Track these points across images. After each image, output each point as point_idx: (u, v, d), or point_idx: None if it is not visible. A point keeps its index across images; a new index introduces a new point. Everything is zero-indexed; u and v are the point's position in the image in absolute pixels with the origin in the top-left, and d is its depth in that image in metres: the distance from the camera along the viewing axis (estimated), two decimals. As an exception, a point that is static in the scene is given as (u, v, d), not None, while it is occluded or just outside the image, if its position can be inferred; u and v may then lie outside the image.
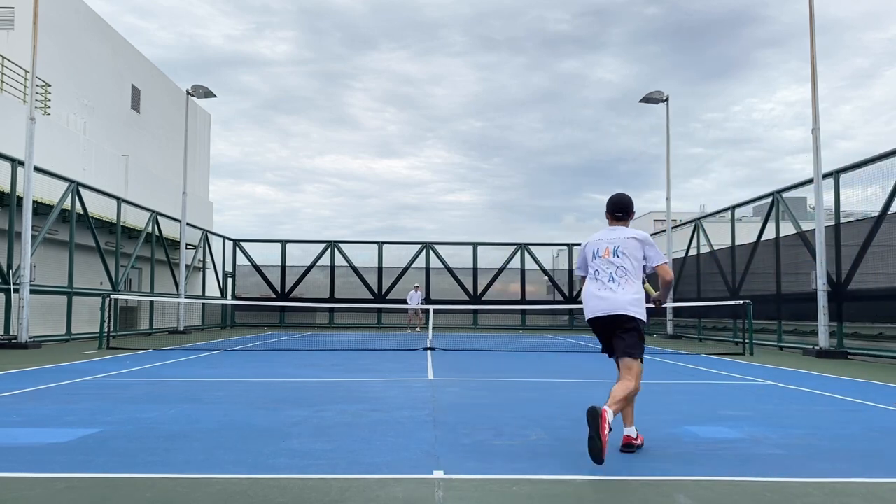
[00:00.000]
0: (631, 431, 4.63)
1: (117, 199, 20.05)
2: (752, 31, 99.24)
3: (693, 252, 21.68)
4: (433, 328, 18.74)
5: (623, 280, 4.72)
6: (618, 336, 4.68)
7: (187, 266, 23.86)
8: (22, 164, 14.50)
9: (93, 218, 18.55)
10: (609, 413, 4.12)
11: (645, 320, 4.74)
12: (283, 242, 29.75)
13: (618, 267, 4.75)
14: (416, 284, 26.91)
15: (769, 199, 17.25)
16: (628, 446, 4.57)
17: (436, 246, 29.44)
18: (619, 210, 4.99)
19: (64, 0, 22.98)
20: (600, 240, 4.92)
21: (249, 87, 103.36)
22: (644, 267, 4.82)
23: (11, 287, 14.57)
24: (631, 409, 4.66)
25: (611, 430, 4.03)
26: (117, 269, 19.45)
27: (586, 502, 3.38)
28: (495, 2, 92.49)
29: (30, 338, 13.98)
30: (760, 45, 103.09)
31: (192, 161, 28.09)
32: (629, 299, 4.65)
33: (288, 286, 29.19)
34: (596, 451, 3.90)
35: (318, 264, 29.33)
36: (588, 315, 4.84)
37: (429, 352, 14.11)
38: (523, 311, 29.15)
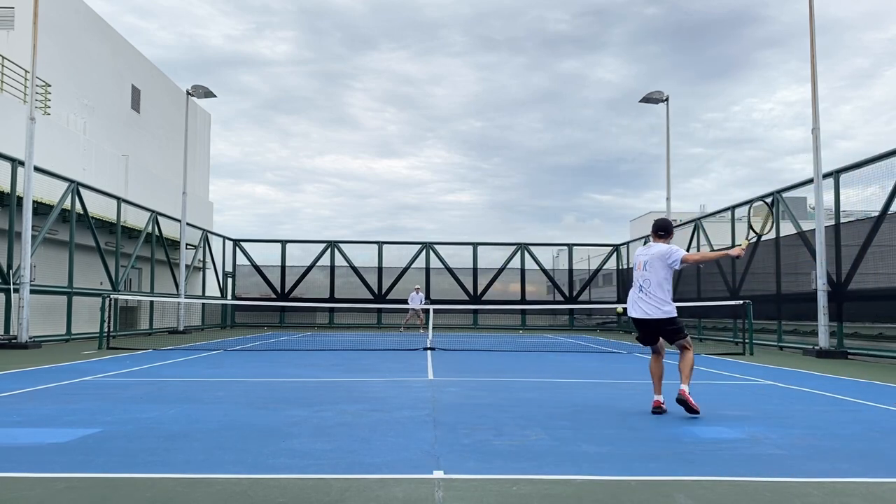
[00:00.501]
0: (685, 387, 6.02)
1: (117, 199, 20.05)
2: (752, 31, 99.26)
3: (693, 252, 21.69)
4: (433, 328, 18.73)
5: (649, 289, 6.19)
6: (662, 334, 6.30)
7: (187, 266, 23.86)
8: (22, 164, 14.50)
9: (93, 218, 18.55)
10: (686, 390, 5.98)
11: (675, 313, 6.20)
12: (283, 242, 29.75)
13: (645, 279, 6.21)
14: (416, 286, 26.89)
15: (769, 200, 17.25)
16: (683, 401, 5.95)
17: (436, 246, 29.43)
18: (662, 230, 6.44)
19: (64, 0, 22.98)
20: (639, 254, 6.41)
21: (249, 87, 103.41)
22: (676, 266, 6.22)
23: (11, 287, 14.57)
24: (688, 370, 6.18)
25: (696, 411, 5.92)
26: (117, 269, 19.45)
27: (586, 502, 3.38)
28: (495, 2, 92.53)
29: (30, 338, 13.98)
30: (760, 45, 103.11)
31: (192, 161, 28.09)
32: (657, 308, 6.14)
33: (288, 286, 29.19)
34: (696, 413, 5.93)
35: (318, 264, 29.32)
36: (630, 315, 6.41)
37: (429, 352, 14.11)
38: (523, 311, 29.15)
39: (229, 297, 28.56)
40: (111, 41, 26.62)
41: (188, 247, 24.48)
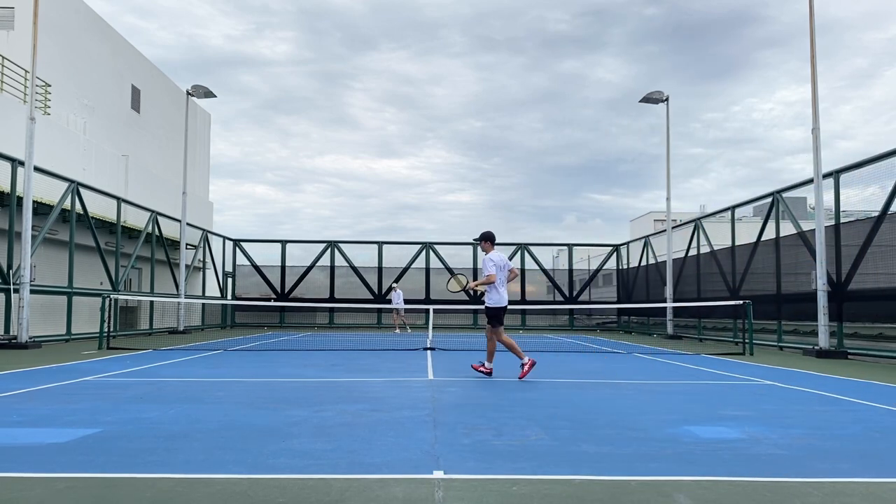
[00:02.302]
0: (490, 364, 9.22)
1: (117, 199, 20.05)
2: (752, 31, 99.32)
3: (693, 252, 21.69)
4: (433, 328, 18.72)
5: (506, 284, 9.30)
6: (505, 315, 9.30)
7: (187, 266, 23.86)
8: (22, 164, 14.50)
9: (93, 218, 18.55)
10: (482, 363, 9.24)
11: None
12: (283, 242, 29.75)
13: (503, 277, 9.24)
14: (393, 284, 26.69)
15: (769, 199, 17.24)
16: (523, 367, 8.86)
17: (436, 246, 29.43)
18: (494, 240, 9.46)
19: (64, 0, 22.98)
20: (500, 258, 9.34)
21: (249, 87, 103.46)
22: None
23: (11, 287, 14.57)
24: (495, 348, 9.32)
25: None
26: (117, 269, 19.45)
27: (586, 502, 3.38)
28: (495, 2, 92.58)
29: (30, 338, 13.98)
30: (760, 45, 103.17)
31: (192, 161, 28.09)
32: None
33: (288, 286, 29.19)
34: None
35: (318, 264, 29.33)
36: (503, 304, 9.19)
37: (429, 352, 14.11)
38: (523, 311, 29.15)
39: (229, 297, 28.55)
40: (111, 41, 26.62)
41: (188, 247, 24.48)
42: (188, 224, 23.10)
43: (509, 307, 9.56)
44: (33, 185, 14.33)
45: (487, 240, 9.44)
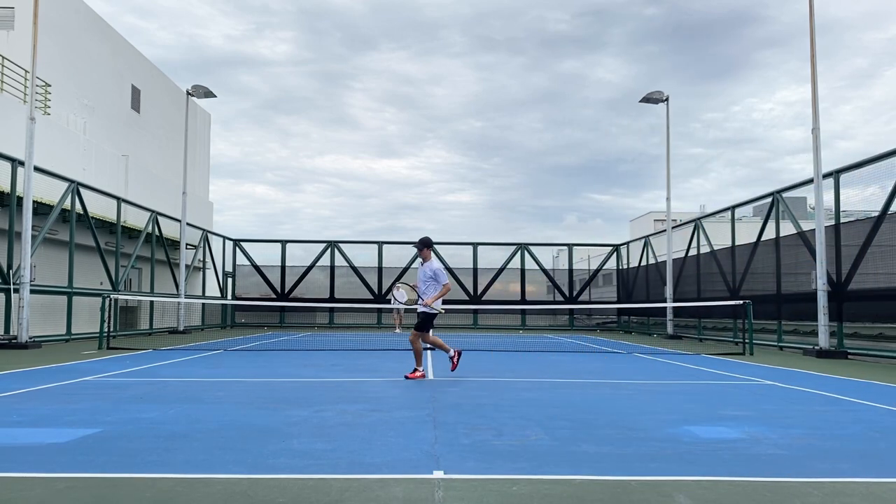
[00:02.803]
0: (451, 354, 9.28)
1: (117, 199, 20.05)
2: (752, 31, 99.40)
3: (693, 252, 21.69)
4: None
5: None
6: None
7: (187, 266, 23.86)
8: (22, 164, 14.50)
9: (93, 218, 18.55)
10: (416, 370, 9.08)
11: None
12: (284, 242, 29.74)
13: None
14: (398, 283, 26.60)
15: (769, 199, 17.24)
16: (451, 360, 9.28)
17: (436, 246, 29.38)
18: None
19: (64, 0, 22.97)
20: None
21: (249, 87, 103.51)
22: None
23: (11, 287, 14.56)
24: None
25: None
26: (117, 269, 19.44)
27: (586, 502, 3.38)
28: (495, 2, 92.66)
29: (30, 338, 13.98)
30: (760, 45, 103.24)
31: (192, 161, 28.08)
32: None
33: (288, 286, 29.19)
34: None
35: (318, 264, 29.33)
36: (437, 310, 9.00)
37: (429, 352, 14.10)
38: (523, 311, 29.14)
39: (229, 297, 28.55)
40: (111, 41, 26.61)
41: (188, 247, 24.48)
42: (188, 224, 23.10)
43: (508, 307, 9.50)
44: (33, 185, 14.33)
45: (430, 247, 9.10)
